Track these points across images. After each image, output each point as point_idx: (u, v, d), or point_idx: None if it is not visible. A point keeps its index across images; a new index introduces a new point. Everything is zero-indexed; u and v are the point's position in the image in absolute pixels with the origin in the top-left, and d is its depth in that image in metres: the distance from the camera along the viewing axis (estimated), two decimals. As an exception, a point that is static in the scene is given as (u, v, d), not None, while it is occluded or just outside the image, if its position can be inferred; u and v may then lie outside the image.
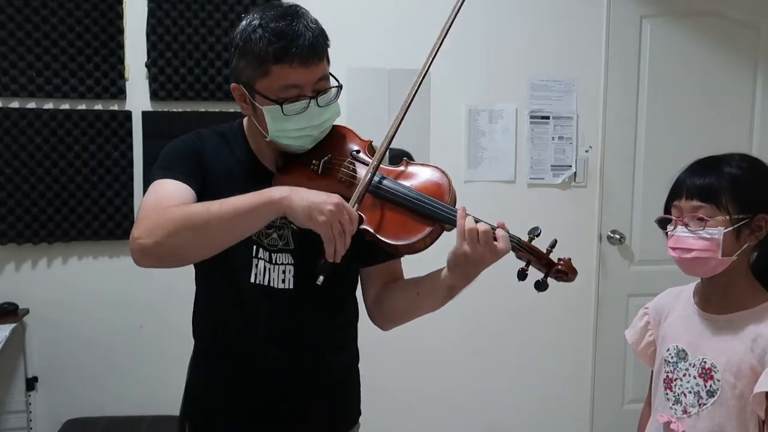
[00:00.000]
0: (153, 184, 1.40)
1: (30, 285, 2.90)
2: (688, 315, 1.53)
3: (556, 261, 1.35)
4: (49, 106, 2.86)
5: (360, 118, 2.82)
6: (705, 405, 1.43)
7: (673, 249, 1.45)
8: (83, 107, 2.89)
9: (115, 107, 2.92)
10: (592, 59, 3.32)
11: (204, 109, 2.98)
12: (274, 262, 1.45)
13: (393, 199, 1.38)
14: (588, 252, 3.35)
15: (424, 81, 1.42)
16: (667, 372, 1.52)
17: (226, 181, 1.42)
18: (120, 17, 2.89)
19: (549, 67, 3.28)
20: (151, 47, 2.91)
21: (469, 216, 1.32)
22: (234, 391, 1.49)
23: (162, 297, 2.94)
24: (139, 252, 1.29)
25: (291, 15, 1.36)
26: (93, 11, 2.85)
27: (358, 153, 1.45)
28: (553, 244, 1.36)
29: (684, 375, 1.48)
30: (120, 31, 2.89)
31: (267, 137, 1.42)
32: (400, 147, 1.48)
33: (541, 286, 1.34)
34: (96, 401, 2.95)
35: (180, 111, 2.95)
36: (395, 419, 3.20)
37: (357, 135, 1.50)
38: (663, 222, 1.48)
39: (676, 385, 1.49)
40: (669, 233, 1.46)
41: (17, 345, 2.85)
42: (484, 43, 3.20)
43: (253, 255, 1.44)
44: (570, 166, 3.33)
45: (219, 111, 2.98)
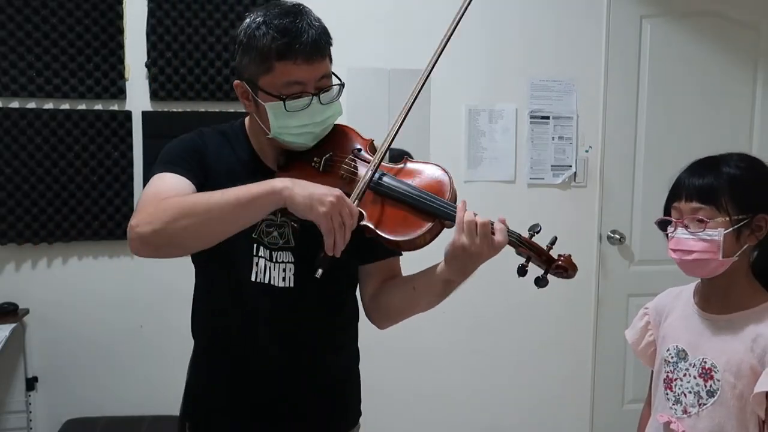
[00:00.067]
0: (153, 177, 1.41)
1: (30, 285, 2.89)
2: (688, 315, 1.53)
3: (556, 257, 1.36)
4: (49, 106, 2.86)
5: (360, 118, 2.81)
6: (705, 405, 1.43)
7: (674, 251, 1.45)
8: (83, 107, 2.89)
9: (115, 107, 2.92)
10: (592, 59, 3.32)
11: (204, 109, 2.98)
12: (274, 260, 1.45)
13: (394, 196, 1.38)
14: (588, 252, 3.35)
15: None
16: (667, 372, 1.52)
17: (227, 180, 1.42)
18: (120, 17, 2.89)
19: (549, 67, 3.28)
20: (151, 47, 2.91)
21: (469, 210, 1.33)
22: (234, 390, 1.49)
23: (162, 297, 2.94)
24: (138, 241, 1.28)
25: (295, 13, 1.38)
26: (93, 11, 2.85)
27: (359, 151, 1.46)
28: (553, 241, 1.38)
29: (684, 375, 1.48)
30: (120, 31, 2.89)
31: (269, 134, 1.43)
32: (400, 147, 1.48)
33: (541, 282, 1.34)
34: (96, 401, 2.95)
35: (180, 111, 2.95)
36: (395, 419, 3.20)
37: (359, 134, 1.51)
38: (663, 224, 1.49)
39: (676, 385, 1.49)
40: (669, 235, 1.46)
41: (17, 345, 2.85)
42: (484, 43, 3.20)
43: (254, 253, 1.44)
44: (570, 166, 3.33)
45: (219, 111, 2.98)
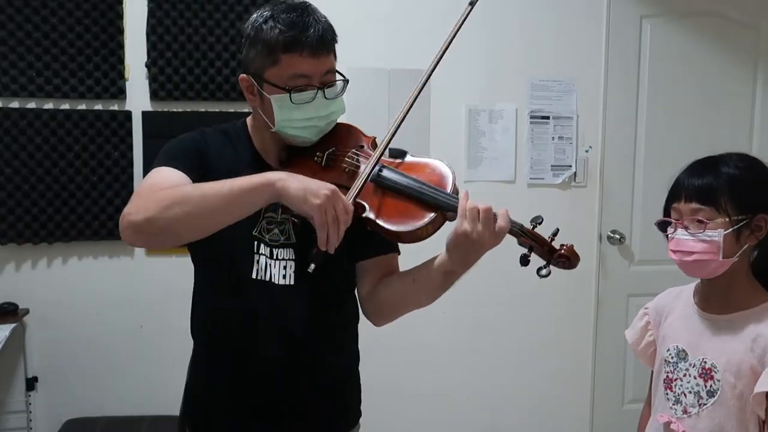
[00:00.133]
0: (151, 171, 1.41)
1: (30, 285, 2.89)
2: (688, 315, 1.53)
3: (558, 247, 1.37)
4: (49, 106, 2.86)
5: (360, 118, 2.76)
6: (705, 405, 1.43)
7: (674, 252, 1.45)
8: (83, 107, 2.89)
9: (115, 107, 2.92)
10: (592, 59, 3.32)
11: (204, 109, 2.98)
12: (275, 257, 1.45)
13: (395, 188, 1.39)
14: (588, 252, 3.34)
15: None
16: (667, 372, 1.52)
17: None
18: (120, 17, 2.89)
19: (549, 67, 3.28)
20: (151, 47, 2.91)
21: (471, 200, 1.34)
22: (234, 389, 1.49)
23: (162, 297, 2.94)
24: (130, 229, 1.28)
25: (302, 9, 1.42)
26: (93, 11, 2.85)
27: (362, 147, 1.47)
28: (555, 232, 1.39)
29: (684, 375, 1.48)
30: (120, 31, 2.89)
31: (273, 128, 1.43)
32: (400, 147, 1.49)
33: (543, 271, 1.35)
34: (96, 401, 2.95)
35: (180, 111, 2.95)
36: (395, 419, 3.20)
37: (361, 131, 1.52)
38: (663, 225, 1.48)
39: (676, 385, 1.49)
40: (669, 236, 1.46)
41: (17, 345, 2.85)
42: (484, 43, 3.20)
43: (255, 251, 1.45)
44: (570, 166, 3.33)
45: (219, 111, 2.98)
